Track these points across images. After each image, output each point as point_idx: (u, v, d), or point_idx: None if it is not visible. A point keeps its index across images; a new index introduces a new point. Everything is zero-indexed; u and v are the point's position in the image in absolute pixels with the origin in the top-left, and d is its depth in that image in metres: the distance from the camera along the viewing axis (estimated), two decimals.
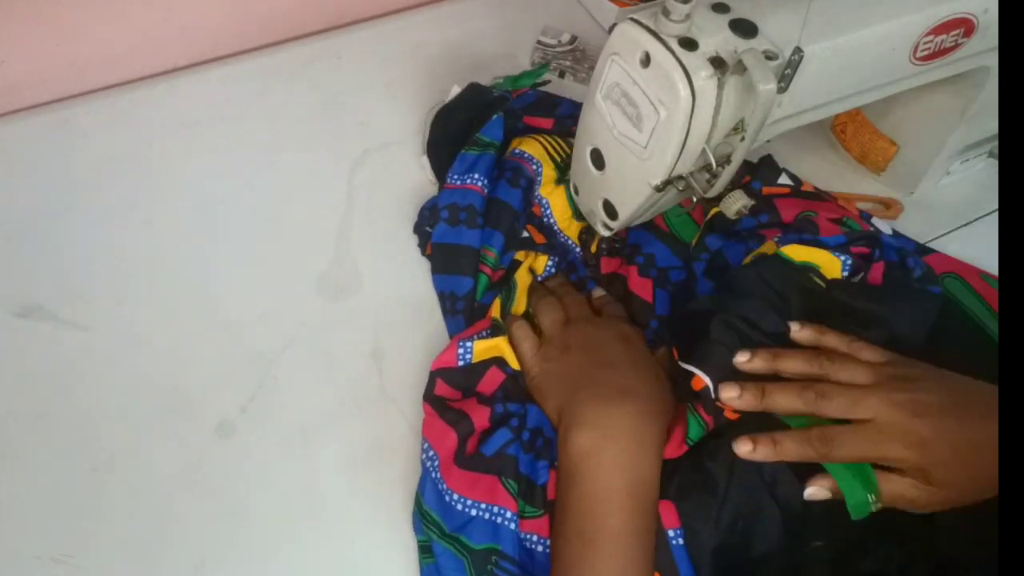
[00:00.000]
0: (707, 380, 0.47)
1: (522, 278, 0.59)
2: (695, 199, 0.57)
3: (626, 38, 0.47)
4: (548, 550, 0.48)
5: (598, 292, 0.59)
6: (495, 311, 0.57)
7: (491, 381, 0.54)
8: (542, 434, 0.51)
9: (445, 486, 0.49)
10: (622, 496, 0.45)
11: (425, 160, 0.65)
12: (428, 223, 0.61)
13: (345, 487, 0.52)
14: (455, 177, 0.60)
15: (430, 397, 0.53)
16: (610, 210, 0.55)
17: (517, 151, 0.62)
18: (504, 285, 0.59)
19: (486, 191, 0.60)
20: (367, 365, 0.57)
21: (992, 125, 0.63)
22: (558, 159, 0.62)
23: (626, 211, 0.53)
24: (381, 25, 0.78)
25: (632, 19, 0.46)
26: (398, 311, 0.60)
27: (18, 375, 0.55)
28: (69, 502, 0.51)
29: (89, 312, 0.58)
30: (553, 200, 0.61)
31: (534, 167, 0.61)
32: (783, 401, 0.44)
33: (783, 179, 0.63)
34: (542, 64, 0.66)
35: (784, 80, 0.45)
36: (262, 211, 0.64)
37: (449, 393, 0.53)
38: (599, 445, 0.47)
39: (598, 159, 0.54)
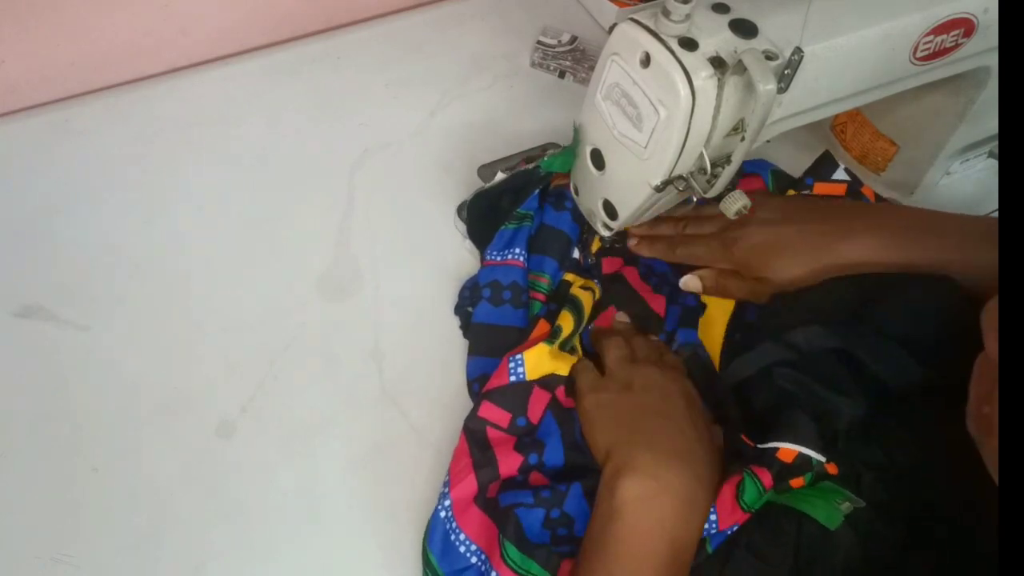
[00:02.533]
0: (801, 449, 0.47)
1: (582, 296, 0.57)
2: (695, 199, 0.57)
3: (626, 38, 0.47)
4: None
5: (621, 317, 0.59)
6: (561, 321, 0.55)
7: (537, 404, 0.52)
8: (571, 524, 0.49)
9: (455, 524, 0.48)
10: (662, 551, 0.45)
11: (457, 219, 0.64)
12: (469, 303, 0.59)
13: (345, 487, 0.52)
14: (495, 254, 0.59)
15: (470, 422, 0.52)
16: (610, 210, 0.55)
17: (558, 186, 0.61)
18: (564, 302, 0.57)
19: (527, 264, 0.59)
20: (367, 365, 0.57)
21: (992, 125, 0.63)
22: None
23: (626, 211, 0.53)
24: (381, 25, 0.78)
25: (632, 19, 0.46)
26: (398, 311, 0.60)
27: (18, 375, 0.55)
28: (69, 502, 0.51)
29: (89, 312, 0.58)
30: None
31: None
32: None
33: (839, 174, 0.63)
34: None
35: (784, 80, 0.45)
36: (262, 211, 0.64)
37: (495, 416, 0.52)
38: (651, 496, 0.46)
39: (598, 159, 0.54)
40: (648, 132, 0.47)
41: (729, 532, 0.48)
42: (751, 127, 0.44)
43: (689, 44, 0.44)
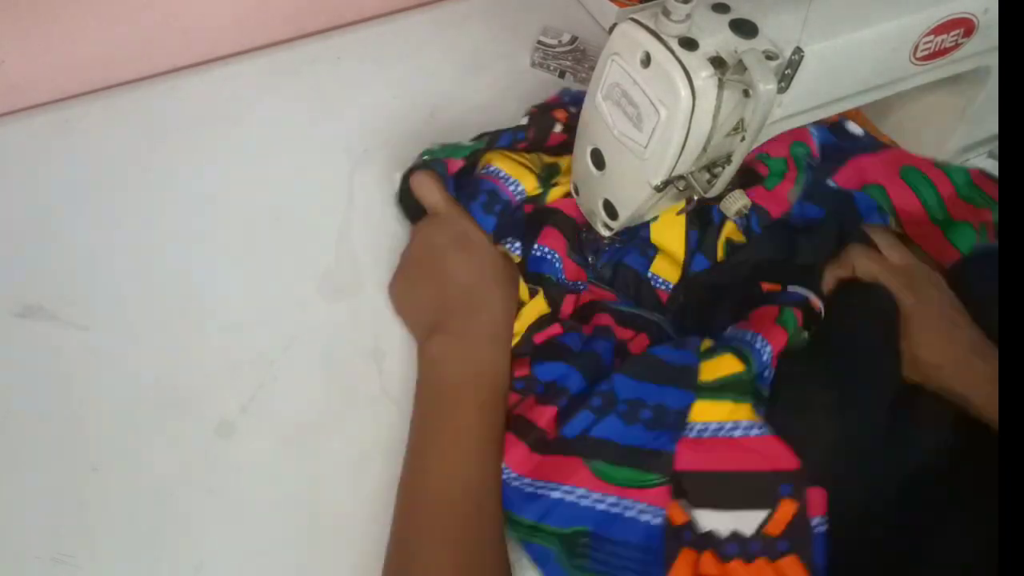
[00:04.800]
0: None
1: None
2: (695, 198, 0.57)
3: (626, 38, 0.47)
4: (657, 519, 0.47)
5: None
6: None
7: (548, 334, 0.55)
8: (644, 404, 0.50)
9: (524, 479, 0.49)
10: (469, 390, 0.51)
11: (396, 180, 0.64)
12: None
13: (345, 487, 0.52)
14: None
15: None
16: (610, 210, 0.55)
17: (492, 168, 0.60)
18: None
19: None
20: (367, 365, 0.57)
21: (992, 125, 0.63)
22: (536, 170, 0.60)
23: (626, 211, 0.53)
24: (381, 25, 0.78)
25: (632, 19, 0.46)
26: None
27: (18, 375, 0.55)
28: (69, 502, 0.51)
29: (89, 312, 0.58)
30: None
31: (511, 188, 0.59)
32: None
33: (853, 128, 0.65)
34: (478, 138, 0.64)
35: (784, 80, 0.45)
36: (262, 211, 0.64)
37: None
38: (454, 348, 0.52)
39: (598, 159, 0.54)
40: (648, 132, 0.47)
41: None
42: (751, 127, 0.44)
43: (689, 44, 0.44)
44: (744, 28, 0.45)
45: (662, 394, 0.50)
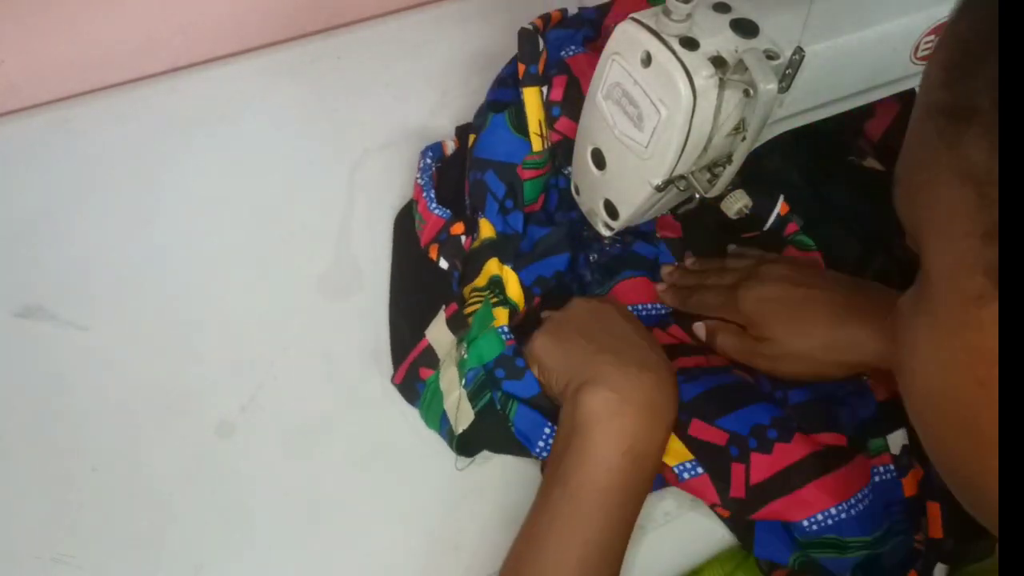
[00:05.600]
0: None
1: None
2: (696, 198, 0.57)
3: (627, 38, 0.46)
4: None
5: None
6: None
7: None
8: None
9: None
10: (622, 459, 0.45)
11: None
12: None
13: (345, 487, 0.52)
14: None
15: None
16: (611, 210, 0.55)
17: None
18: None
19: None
20: (367, 365, 0.57)
21: None
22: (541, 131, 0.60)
23: (627, 211, 0.53)
24: (381, 25, 0.78)
25: (633, 19, 0.46)
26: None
27: (18, 375, 0.55)
28: (69, 502, 0.51)
29: (89, 312, 0.58)
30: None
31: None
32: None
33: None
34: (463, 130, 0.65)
35: (785, 80, 0.45)
36: (262, 211, 0.64)
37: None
38: (613, 408, 0.46)
39: (599, 159, 0.54)
40: (649, 132, 0.47)
41: None
42: (752, 127, 0.44)
43: (690, 43, 0.44)
44: (745, 28, 0.45)
45: None
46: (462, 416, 0.51)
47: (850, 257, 0.60)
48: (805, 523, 0.48)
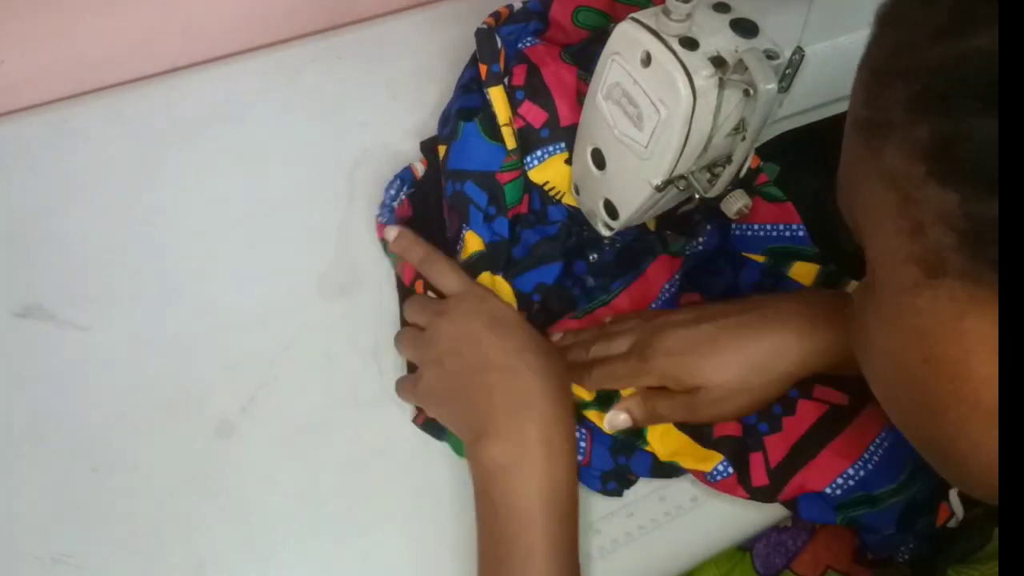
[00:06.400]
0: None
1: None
2: (696, 198, 0.57)
3: (627, 38, 0.46)
4: None
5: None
6: None
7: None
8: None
9: None
10: (536, 510, 0.45)
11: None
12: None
13: (345, 487, 0.52)
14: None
15: None
16: (611, 210, 0.55)
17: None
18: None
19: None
20: (367, 365, 0.57)
21: None
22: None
23: (627, 211, 0.53)
24: (381, 25, 0.78)
25: (633, 19, 0.46)
26: (398, 311, 0.60)
27: (18, 375, 0.55)
28: (69, 502, 0.51)
29: (89, 312, 0.58)
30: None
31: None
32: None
33: None
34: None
35: (785, 80, 0.45)
36: (262, 211, 0.64)
37: None
38: (510, 458, 0.46)
39: (599, 159, 0.54)
40: (649, 131, 0.47)
41: None
42: (752, 127, 0.44)
43: (690, 43, 0.44)
44: (745, 28, 0.45)
45: None
46: None
47: (821, 205, 0.58)
48: (828, 490, 0.49)
